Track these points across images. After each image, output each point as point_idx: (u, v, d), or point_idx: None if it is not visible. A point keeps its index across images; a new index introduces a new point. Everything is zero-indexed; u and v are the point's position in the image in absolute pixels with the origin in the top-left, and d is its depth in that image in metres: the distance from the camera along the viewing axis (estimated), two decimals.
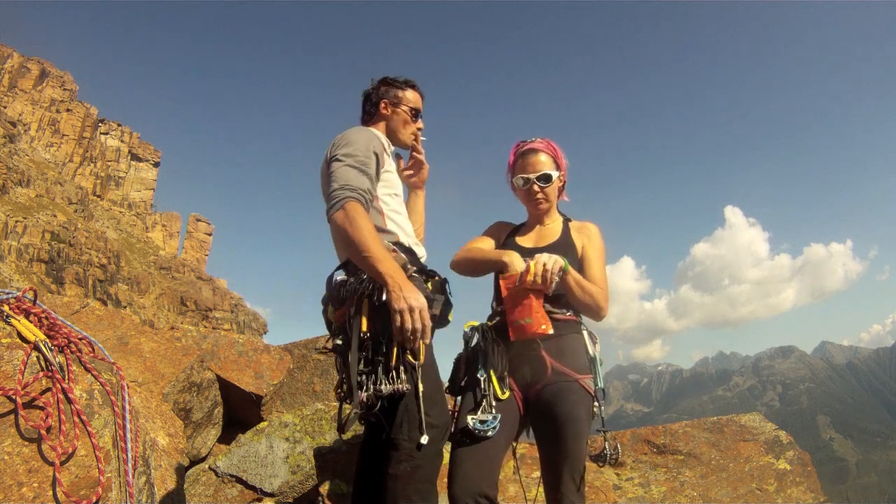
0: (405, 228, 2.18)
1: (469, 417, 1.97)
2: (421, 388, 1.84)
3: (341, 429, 1.96)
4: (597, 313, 2.17)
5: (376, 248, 1.87)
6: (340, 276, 2.03)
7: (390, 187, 2.21)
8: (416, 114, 2.39)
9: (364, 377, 1.81)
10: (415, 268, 2.03)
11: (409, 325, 1.78)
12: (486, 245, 2.36)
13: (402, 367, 1.82)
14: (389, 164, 2.24)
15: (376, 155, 2.14)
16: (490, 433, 1.94)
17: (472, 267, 2.30)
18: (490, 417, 1.96)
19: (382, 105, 2.37)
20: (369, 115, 2.40)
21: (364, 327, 1.88)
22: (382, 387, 1.78)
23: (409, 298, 1.80)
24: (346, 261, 2.07)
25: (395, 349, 1.83)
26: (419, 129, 2.42)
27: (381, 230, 2.08)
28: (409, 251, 2.08)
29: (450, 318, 2.11)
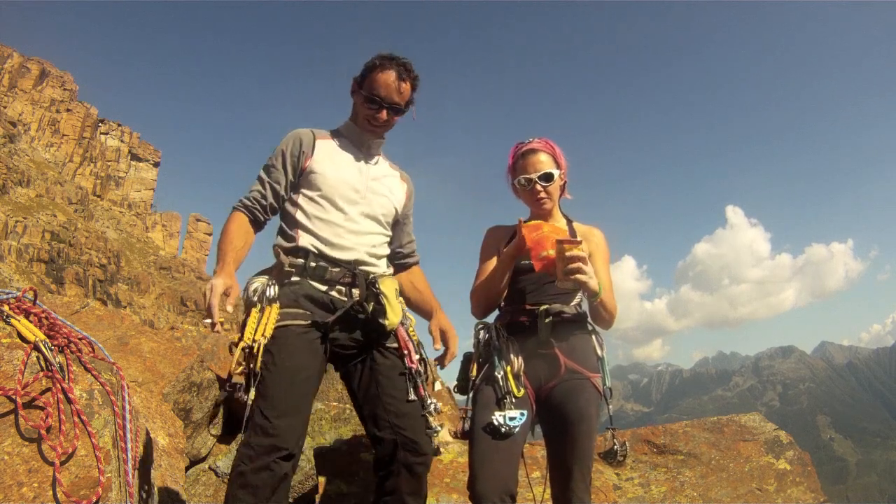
0: (320, 232, 2.06)
1: (497, 414, 1.94)
2: (252, 394, 1.81)
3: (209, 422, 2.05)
4: (608, 325, 2.19)
5: (219, 245, 1.99)
6: None
7: (313, 188, 2.11)
8: (373, 100, 2.11)
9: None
10: (293, 270, 2.01)
11: (202, 303, 1.83)
12: (494, 262, 2.27)
13: (252, 374, 1.82)
14: (317, 160, 2.13)
15: (283, 153, 2.12)
16: (517, 430, 1.93)
17: (492, 285, 2.21)
18: (518, 414, 1.95)
19: (351, 91, 2.22)
20: None
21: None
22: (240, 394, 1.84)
23: (206, 283, 1.86)
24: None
25: (237, 353, 1.83)
26: (378, 118, 2.14)
27: (285, 234, 2.11)
28: (307, 254, 2.02)
29: (384, 321, 2.01)
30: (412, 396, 2.04)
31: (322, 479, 3.21)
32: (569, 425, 1.98)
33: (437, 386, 2.19)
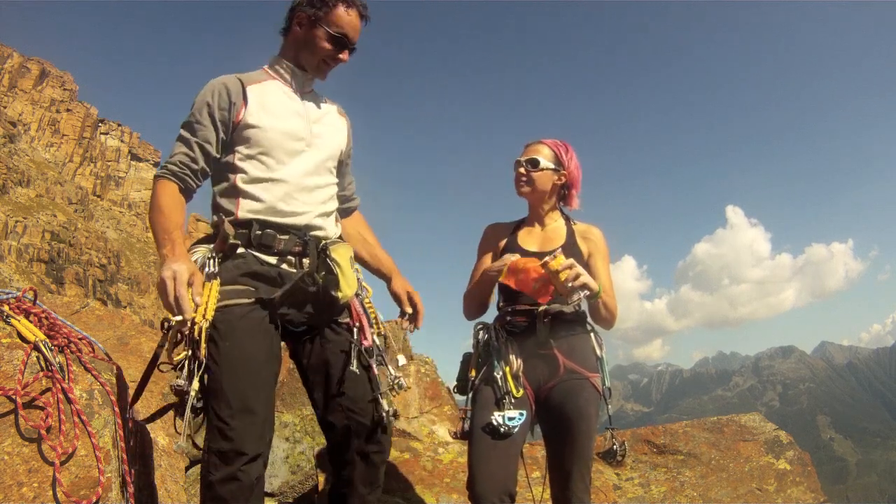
0: (266, 196, 1.82)
1: (496, 413, 1.95)
2: (195, 385, 1.62)
3: (151, 419, 1.84)
4: (609, 325, 2.19)
5: (157, 223, 1.72)
6: None
7: (252, 146, 1.84)
8: (338, 39, 1.87)
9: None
10: (238, 242, 1.76)
11: (162, 299, 1.60)
12: (489, 262, 2.27)
13: (195, 361, 1.64)
14: (252, 111, 1.84)
15: (210, 105, 1.81)
16: (516, 430, 1.93)
17: (479, 293, 2.22)
18: (517, 414, 1.95)
19: (295, 23, 1.92)
20: (285, 39, 1.97)
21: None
22: (178, 380, 1.65)
23: (164, 269, 1.60)
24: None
25: (171, 336, 1.64)
26: (341, 59, 1.92)
27: (222, 204, 1.84)
28: (251, 223, 1.79)
29: (338, 293, 1.82)
30: (364, 376, 1.88)
31: (322, 479, 3.21)
32: (568, 425, 1.98)
33: (402, 360, 1.97)
